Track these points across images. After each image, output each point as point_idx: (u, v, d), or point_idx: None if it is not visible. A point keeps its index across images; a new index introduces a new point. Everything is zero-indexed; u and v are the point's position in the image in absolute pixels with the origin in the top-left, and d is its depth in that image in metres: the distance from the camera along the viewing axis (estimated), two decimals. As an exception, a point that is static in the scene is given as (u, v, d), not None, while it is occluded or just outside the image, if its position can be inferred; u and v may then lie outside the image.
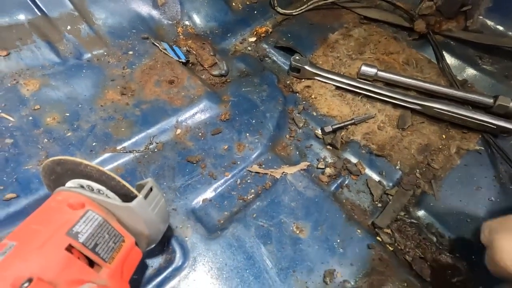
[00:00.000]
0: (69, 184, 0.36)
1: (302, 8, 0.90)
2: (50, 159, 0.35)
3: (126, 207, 0.33)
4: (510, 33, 0.77)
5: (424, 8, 0.80)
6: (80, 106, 0.59)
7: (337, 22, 0.89)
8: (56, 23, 0.66)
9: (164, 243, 0.47)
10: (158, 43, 0.74)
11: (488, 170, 0.64)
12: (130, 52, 0.71)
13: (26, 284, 0.25)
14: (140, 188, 0.35)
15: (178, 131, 0.61)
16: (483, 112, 0.68)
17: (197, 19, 0.83)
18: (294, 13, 0.90)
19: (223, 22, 0.86)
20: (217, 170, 0.57)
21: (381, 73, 0.75)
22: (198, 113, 0.64)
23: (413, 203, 0.61)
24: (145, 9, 0.77)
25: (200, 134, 0.62)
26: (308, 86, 0.77)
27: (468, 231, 0.57)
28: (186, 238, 0.48)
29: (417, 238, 0.56)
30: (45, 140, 0.54)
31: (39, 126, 0.55)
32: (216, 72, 0.76)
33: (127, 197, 0.35)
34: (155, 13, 0.78)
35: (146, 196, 0.34)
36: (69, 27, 0.67)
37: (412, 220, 0.58)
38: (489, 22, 0.78)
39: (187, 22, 0.82)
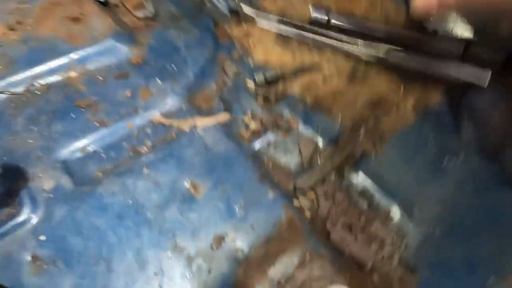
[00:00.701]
0: None
1: None
2: None
3: None
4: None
5: None
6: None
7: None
8: None
9: (11, 194, 0.38)
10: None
11: (448, 129, 0.52)
12: (38, -15, 0.61)
13: None
14: None
15: (72, 73, 0.52)
16: (453, 59, 0.55)
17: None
18: None
19: None
20: (110, 117, 0.48)
21: (334, 17, 0.63)
22: (102, 55, 0.54)
23: (350, 164, 0.51)
24: None
25: (100, 78, 0.52)
26: (248, 33, 0.65)
27: (409, 198, 0.46)
28: (43, 190, 0.40)
29: (345, 205, 0.47)
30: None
31: None
32: (140, 14, 0.65)
33: None
34: None
35: None
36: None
37: (345, 183, 0.48)
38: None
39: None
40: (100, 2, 0.63)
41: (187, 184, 0.44)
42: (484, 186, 0.46)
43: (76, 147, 0.44)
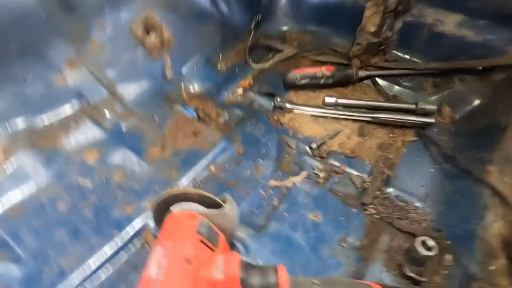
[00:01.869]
0: (174, 207, 0.55)
1: (271, 61, 1.20)
2: (162, 196, 0.54)
3: (222, 213, 0.54)
4: (414, 59, 1.13)
5: (356, 50, 1.14)
6: (133, 163, 0.79)
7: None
8: (98, 107, 0.86)
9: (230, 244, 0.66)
10: (174, 106, 0.96)
11: (424, 151, 0.94)
12: (155, 117, 0.92)
13: (191, 258, 0.45)
14: (222, 199, 0.57)
15: (212, 168, 0.82)
16: (411, 114, 1.00)
17: (196, 84, 1.08)
18: (265, 66, 1.19)
19: (214, 81, 1.12)
20: (248, 189, 0.79)
21: (339, 100, 1.05)
22: (221, 152, 0.86)
23: (383, 184, 0.87)
24: (159, 83, 1.00)
25: (227, 167, 0.84)
26: (291, 118, 1.03)
27: (422, 193, 0.84)
28: (243, 237, 0.68)
29: (392, 206, 0.82)
30: (120, 192, 0.72)
31: (110, 184, 0.73)
32: (222, 120, 1.00)
33: (216, 207, 0.55)
34: (166, 84, 1.01)
35: (230, 202, 0.55)
36: (107, 108, 0.88)
37: (385, 195, 0.84)
38: (400, 54, 1.14)
39: (189, 87, 1.06)
40: (197, 118, 0.96)
41: (310, 216, 0.76)
42: (450, 177, 0.86)
43: (242, 209, 0.74)
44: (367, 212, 0.80)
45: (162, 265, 0.42)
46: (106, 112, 0.87)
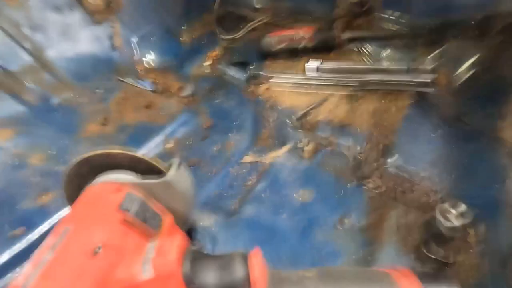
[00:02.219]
0: (97, 180, 0.37)
1: (242, 31, 1.04)
2: (75, 161, 0.36)
3: (162, 182, 0.36)
4: (401, 19, 1.00)
5: (337, 12, 1.01)
6: (63, 141, 0.60)
7: (274, 37, 1.04)
8: (17, 76, 0.67)
9: (191, 234, 0.48)
10: (123, 79, 0.78)
11: (423, 115, 0.80)
12: (98, 90, 0.74)
13: (99, 249, 0.27)
14: (166, 167, 0.39)
15: (168, 144, 0.65)
16: (405, 75, 0.86)
17: (153, 56, 0.90)
18: (236, 37, 1.04)
19: (177, 54, 0.95)
20: (216, 167, 0.62)
21: (322, 65, 0.90)
22: (182, 126, 0.69)
23: (381, 155, 0.72)
24: (104, 52, 0.82)
25: (189, 142, 0.66)
26: (268, 88, 0.88)
27: (426, 162, 0.70)
28: (209, 226, 0.51)
29: (394, 179, 0.67)
30: (35, 178, 0.53)
31: (24, 168, 0.54)
32: (185, 94, 0.82)
33: (158, 176, 0.38)
34: (113, 54, 0.83)
35: (178, 169, 0.38)
36: (31, 78, 0.68)
37: (386, 166, 0.69)
38: (386, 14, 1.02)
39: (145, 59, 0.89)
40: (151, 91, 0.79)
41: (296, 196, 0.59)
42: (458, 141, 0.72)
43: (209, 192, 0.57)
44: (365, 187, 0.64)
45: (42, 263, 0.24)
46: (30, 82, 0.68)
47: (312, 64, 0.89)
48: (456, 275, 0.48)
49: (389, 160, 0.71)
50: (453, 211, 0.46)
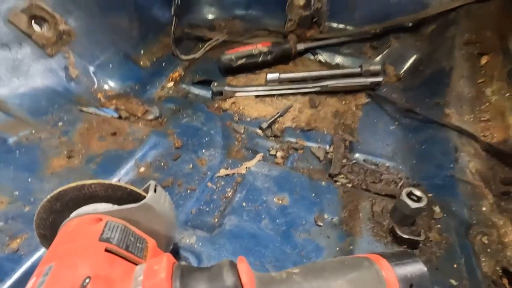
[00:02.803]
0: (73, 215, 0.36)
1: (201, 50, 1.06)
2: (47, 197, 0.35)
3: (142, 206, 0.36)
4: (348, 27, 1.09)
5: (289, 26, 1.08)
6: (26, 181, 0.57)
7: (233, 53, 1.08)
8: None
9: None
10: (85, 109, 0.76)
11: (380, 110, 0.87)
12: (60, 123, 0.71)
13: (87, 281, 0.27)
14: (145, 190, 0.39)
15: (141, 169, 0.64)
16: (358, 77, 0.93)
17: (112, 83, 0.89)
18: (196, 56, 1.06)
19: (138, 78, 0.94)
20: (192, 184, 0.62)
21: (282, 75, 0.95)
22: (152, 149, 0.68)
23: (347, 151, 0.77)
24: (60, 84, 0.79)
25: (162, 164, 0.66)
26: (233, 102, 0.90)
27: (389, 152, 0.75)
28: (192, 244, 0.50)
29: (362, 172, 0.72)
30: (1, 223, 0.49)
31: (-14, 216, 0.50)
32: (151, 117, 0.82)
33: (136, 201, 0.38)
34: (71, 85, 0.81)
35: (155, 191, 0.38)
36: (-17, 119, 0.65)
37: (353, 162, 0.74)
38: (333, 24, 1.10)
39: (105, 87, 0.87)
40: (116, 118, 0.77)
41: (275, 200, 0.61)
42: (413, 130, 0.80)
43: (188, 210, 0.56)
44: (338, 183, 0.68)
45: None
46: (-20, 124, 0.64)
47: (273, 75, 0.94)
48: (429, 249, 0.52)
49: (355, 155, 0.76)
50: (416, 193, 0.51)
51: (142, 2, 1.03)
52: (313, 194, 0.63)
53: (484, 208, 0.58)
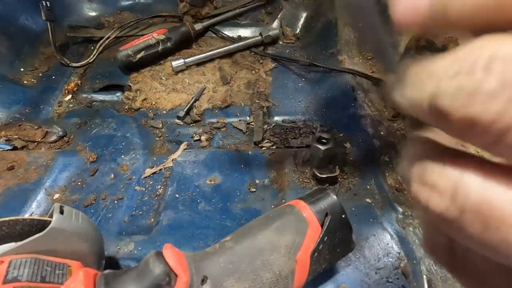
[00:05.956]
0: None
1: (94, 53, 0.97)
2: None
3: (48, 232, 0.33)
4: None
5: (182, 7, 1.04)
6: None
7: (131, 48, 1.01)
8: None
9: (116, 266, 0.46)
10: (-35, 151, 0.65)
11: (287, 71, 0.92)
12: None
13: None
14: (50, 216, 0.36)
15: (55, 195, 0.58)
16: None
17: (-6, 112, 0.77)
18: (90, 61, 0.96)
19: (25, 100, 0.83)
20: (117, 194, 0.59)
21: (188, 60, 0.92)
22: (63, 172, 0.62)
23: (266, 117, 0.81)
24: None
25: (79, 183, 0.61)
26: (145, 99, 0.86)
27: (303, 107, 0.81)
28: (131, 250, 0.49)
29: (283, 132, 0.76)
30: None
31: None
32: (53, 138, 0.74)
33: (43, 229, 0.34)
34: None
35: (61, 213, 0.35)
36: None
37: (273, 125, 0.78)
38: (225, -3, 1.10)
39: (-15, 119, 0.75)
40: (10, 150, 0.68)
41: (207, 182, 0.62)
42: (318, 81, 0.87)
43: (120, 220, 0.54)
44: (264, 148, 0.72)
45: None
46: None
47: (178, 61, 0.91)
48: (346, 180, 0.60)
49: (274, 118, 0.80)
50: (324, 136, 0.57)
51: (1, 12, 0.88)
52: (242, 165, 0.66)
53: (382, 133, 0.68)
